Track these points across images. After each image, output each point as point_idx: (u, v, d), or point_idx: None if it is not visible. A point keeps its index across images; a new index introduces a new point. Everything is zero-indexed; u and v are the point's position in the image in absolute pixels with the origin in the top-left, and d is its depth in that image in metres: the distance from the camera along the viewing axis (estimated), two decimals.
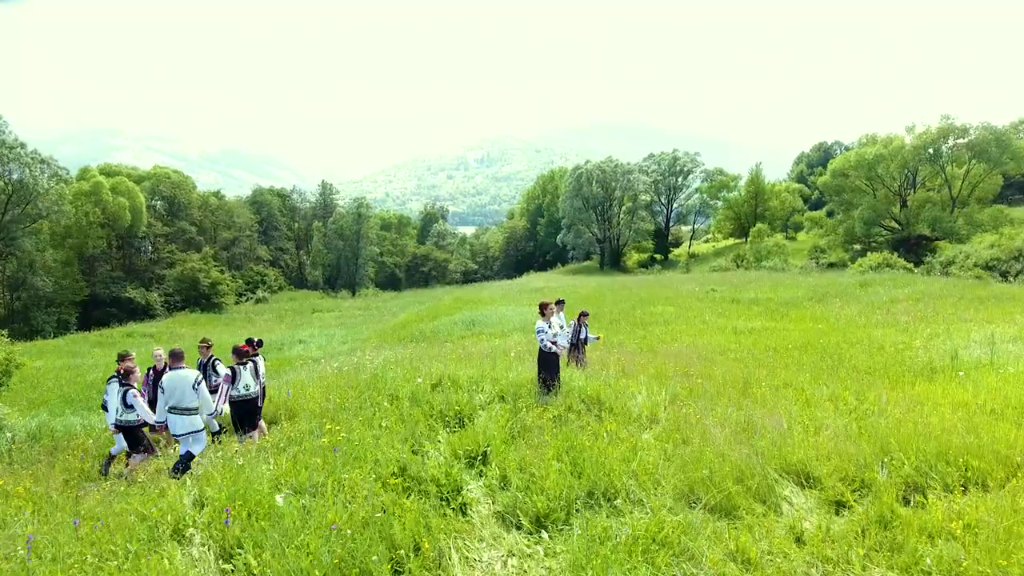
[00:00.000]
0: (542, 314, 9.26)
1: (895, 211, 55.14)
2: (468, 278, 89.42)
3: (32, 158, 44.35)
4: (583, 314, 12.78)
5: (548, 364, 9.09)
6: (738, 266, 61.00)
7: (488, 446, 6.61)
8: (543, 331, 9.04)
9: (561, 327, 10.91)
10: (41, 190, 44.76)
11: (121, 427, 8.46)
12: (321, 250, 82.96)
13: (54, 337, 42.01)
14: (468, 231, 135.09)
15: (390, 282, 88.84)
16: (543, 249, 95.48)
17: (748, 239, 67.93)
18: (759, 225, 67.82)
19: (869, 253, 48.00)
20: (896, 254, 45.89)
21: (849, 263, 49.91)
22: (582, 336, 12.87)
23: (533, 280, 62.69)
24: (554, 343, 9.10)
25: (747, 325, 21.17)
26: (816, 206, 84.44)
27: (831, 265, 53.81)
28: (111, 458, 9.00)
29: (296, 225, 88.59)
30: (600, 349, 15.39)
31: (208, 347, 9.80)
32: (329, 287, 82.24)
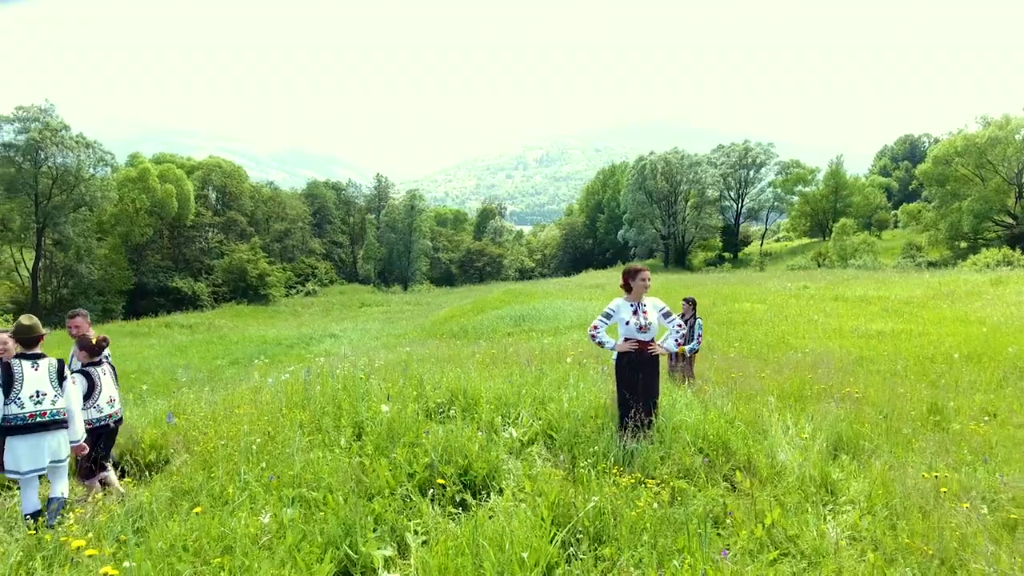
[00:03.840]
0: (627, 288, 5.25)
1: (1009, 203, 48.20)
2: (524, 275, 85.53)
3: (76, 142, 43.07)
4: (688, 301, 8.76)
5: (627, 377, 5.00)
6: (819, 265, 55.24)
7: None
8: (613, 316, 5.08)
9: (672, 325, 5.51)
10: (85, 175, 43.45)
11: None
12: (373, 243, 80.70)
13: (91, 327, 40.51)
14: (526, 229, 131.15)
15: (444, 278, 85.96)
16: (603, 246, 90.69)
17: (830, 236, 61.58)
18: (844, 220, 61.20)
19: (983, 250, 41.65)
20: (1017, 250, 39.40)
21: (957, 262, 43.49)
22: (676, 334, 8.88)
23: (592, 277, 58.27)
24: (599, 337, 4.97)
25: (871, 327, 16.53)
26: (900, 203, 76.62)
27: (931, 264, 47.29)
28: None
29: (351, 219, 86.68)
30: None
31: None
32: (381, 281, 79.92)
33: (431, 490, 3.91)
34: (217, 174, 63.13)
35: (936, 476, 4.73)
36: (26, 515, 4.33)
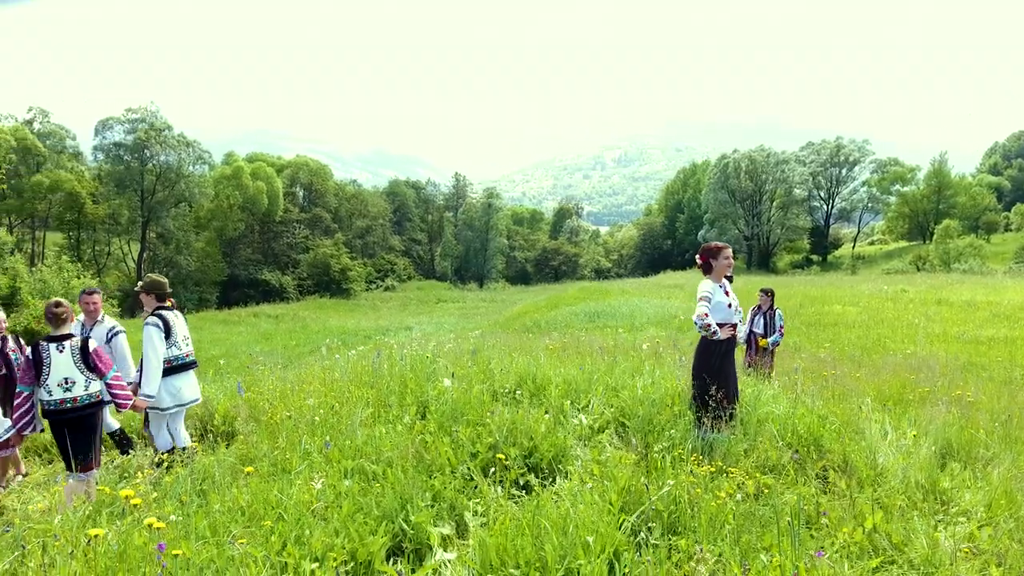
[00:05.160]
0: (706, 270, 4.92)
1: None
2: (600, 275, 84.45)
3: (178, 141, 45.93)
4: (766, 292, 8.20)
5: (716, 364, 4.64)
6: (919, 269, 51.54)
7: None
8: (711, 298, 4.70)
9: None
10: (185, 173, 46.25)
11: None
12: (451, 241, 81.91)
13: (187, 314, 43.10)
14: (602, 230, 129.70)
15: (520, 276, 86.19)
16: (682, 247, 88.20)
17: (932, 239, 57.43)
18: (948, 222, 56.86)
19: None
20: None
21: None
22: (756, 327, 8.23)
23: (670, 278, 56.76)
24: (712, 325, 4.54)
25: (981, 333, 15.15)
26: (1013, 204, 70.23)
27: None
28: None
29: (430, 217, 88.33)
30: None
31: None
32: (458, 278, 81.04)
33: (493, 469, 3.71)
34: (304, 172, 65.80)
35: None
36: (163, 451, 4.84)
